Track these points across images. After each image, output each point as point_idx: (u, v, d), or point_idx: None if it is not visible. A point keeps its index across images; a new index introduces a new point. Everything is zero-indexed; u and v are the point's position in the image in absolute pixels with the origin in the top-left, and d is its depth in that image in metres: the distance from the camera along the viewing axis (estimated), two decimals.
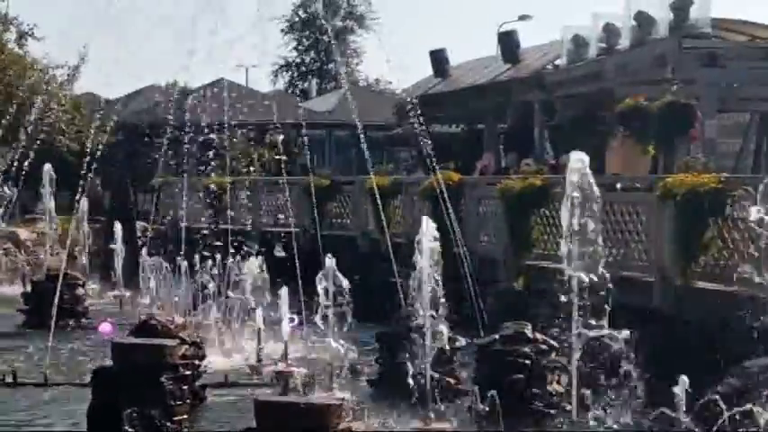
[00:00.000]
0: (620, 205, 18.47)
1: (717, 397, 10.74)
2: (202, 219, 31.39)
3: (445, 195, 20.90)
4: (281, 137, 25.16)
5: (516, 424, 13.11)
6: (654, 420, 11.33)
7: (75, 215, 25.06)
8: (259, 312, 18.58)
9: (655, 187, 17.62)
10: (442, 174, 23.30)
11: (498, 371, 14.36)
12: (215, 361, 17.37)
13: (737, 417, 10.51)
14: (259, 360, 17.84)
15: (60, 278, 20.59)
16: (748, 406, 10.51)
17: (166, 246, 24.85)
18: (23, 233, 32.12)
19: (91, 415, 13.03)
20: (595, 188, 13.61)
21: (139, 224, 31.61)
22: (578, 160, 13.79)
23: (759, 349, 12.33)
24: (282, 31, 77.60)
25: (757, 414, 10.50)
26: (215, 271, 22.13)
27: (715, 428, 10.65)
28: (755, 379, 11.02)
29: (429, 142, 21.63)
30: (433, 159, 21.97)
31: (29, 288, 23.89)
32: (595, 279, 13.43)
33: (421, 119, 22.99)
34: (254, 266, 17.28)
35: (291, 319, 17.57)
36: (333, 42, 70.61)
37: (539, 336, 14.77)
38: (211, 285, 21.49)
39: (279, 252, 14.68)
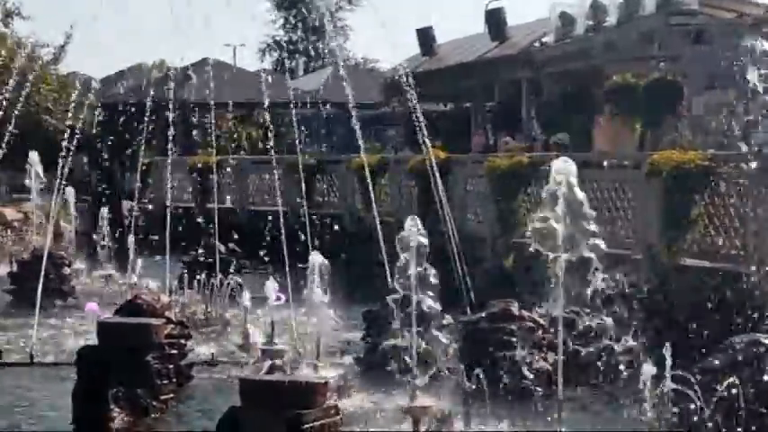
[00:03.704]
0: (607, 183, 18.45)
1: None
2: (188, 198, 31.36)
3: (436, 172, 20.85)
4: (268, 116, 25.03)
5: (502, 401, 13.10)
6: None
7: (61, 194, 24.97)
8: (246, 292, 18.56)
9: (642, 164, 17.61)
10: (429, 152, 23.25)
11: (484, 348, 14.36)
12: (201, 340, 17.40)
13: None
14: (245, 339, 17.81)
15: (46, 257, 20.49)
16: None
17: (153, 225, 24.81)
18: (10, 213, 32.01)
19: (76, 394, 12.99)
20: None
21: (126, 203, 31.54)
22: None
23: (744, 325, 12.36)
24: (269, 9, 77.40)
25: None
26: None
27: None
28: (741, 355, 11.03)
29: (419, 120, 21.56)
30: (423, 137, 21.93)
31: (15, 268, 23.81)
32: None
33: (408, 97, 22.93)
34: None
35: (278, 298, 17.55)
36: (326, 18, 70.34)
37: (525, 313, 14.77)
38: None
39: None
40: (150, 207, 30.39)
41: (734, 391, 10.52)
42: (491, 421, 12.45)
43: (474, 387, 12.64)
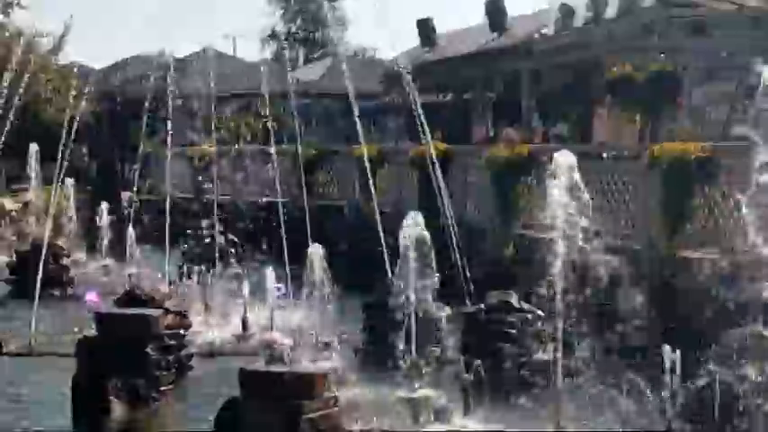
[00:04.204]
0: (607, 174, 18.43)
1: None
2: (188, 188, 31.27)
3: (435, 164, 20.82)
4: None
5: (502, 393, 13.10)
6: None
7: (60, 185, 24.97)
8: (245, 282, 18.55)
9: (642, 155, 17.59)
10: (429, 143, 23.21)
11: (484, 340, 14.36)
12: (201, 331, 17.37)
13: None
14: (245, 329, 17.81)
15: (45, 248, 20.48)
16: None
17: (154, 215, 24.80)
18: (9, 203, 32.01)
19: (75, 385, 13.00)
20: None
21: (125, 194, 31.53)
22: None
23: (743, 317, 12.33)
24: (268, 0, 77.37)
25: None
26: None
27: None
28: (739, 347, 11.02)
29: (418, 111, 21.53)
30: (423, 128, 21.92)
31: (14, 258, 23.83)
32: None
33: (408, 88, 22.90)
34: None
35: (277, 288, 17.54)
36: (325, 7, 70.41)
37: (524, 305, 14.76)
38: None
39: None
40: (150, 198, 30.40)
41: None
42: (490, 412, 12.46)
43: (473, 378, 12.64)
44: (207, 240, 22.49)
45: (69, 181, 28.46)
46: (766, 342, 11.03)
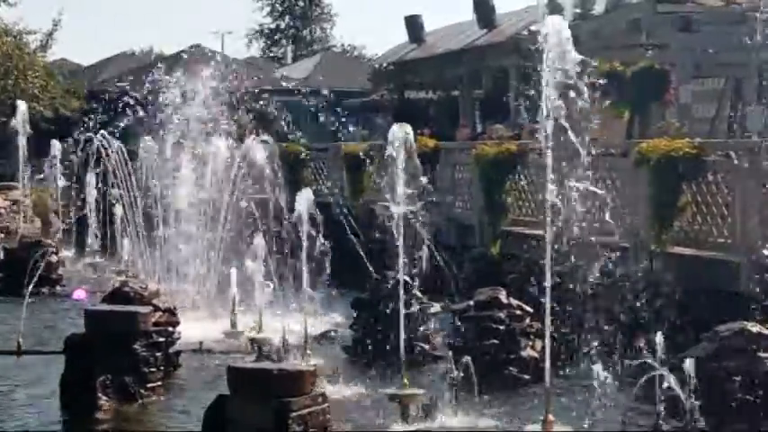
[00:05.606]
0: (596, 171, 18.43)
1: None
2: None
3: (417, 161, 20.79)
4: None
5: (491, 389, 13.12)
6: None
7: (48, 182, 24.95)
8: (233, 277, 18.52)
9: (630, 152, 17.60)
10: (417, 140, 23.19)
11: (473, 336, 14.39)
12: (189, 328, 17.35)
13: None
14: (233, 327, 17.81)
15: (34, 246, 20.46)
16: None
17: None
18: None
19: (64, 383, 12.99)
20: None
21: (114, 191, 31.46)
22: None
23: (731, 314, 12.38)
24: None
25: None
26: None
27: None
28: (727, 343, 11.06)
29: (400, 109, 21.54)
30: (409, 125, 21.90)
31: (2, 256, 23.78)
32: None
33: (396, 85, 22.95)
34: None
35: (266, 285, 17.54)
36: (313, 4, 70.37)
37: (513, 301, 14.79)
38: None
39: None
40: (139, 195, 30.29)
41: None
42: (478, 408, 12.48)
43: (462, 375, 12.66)
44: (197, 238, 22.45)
45: (58, 178, 28.44)
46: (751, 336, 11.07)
